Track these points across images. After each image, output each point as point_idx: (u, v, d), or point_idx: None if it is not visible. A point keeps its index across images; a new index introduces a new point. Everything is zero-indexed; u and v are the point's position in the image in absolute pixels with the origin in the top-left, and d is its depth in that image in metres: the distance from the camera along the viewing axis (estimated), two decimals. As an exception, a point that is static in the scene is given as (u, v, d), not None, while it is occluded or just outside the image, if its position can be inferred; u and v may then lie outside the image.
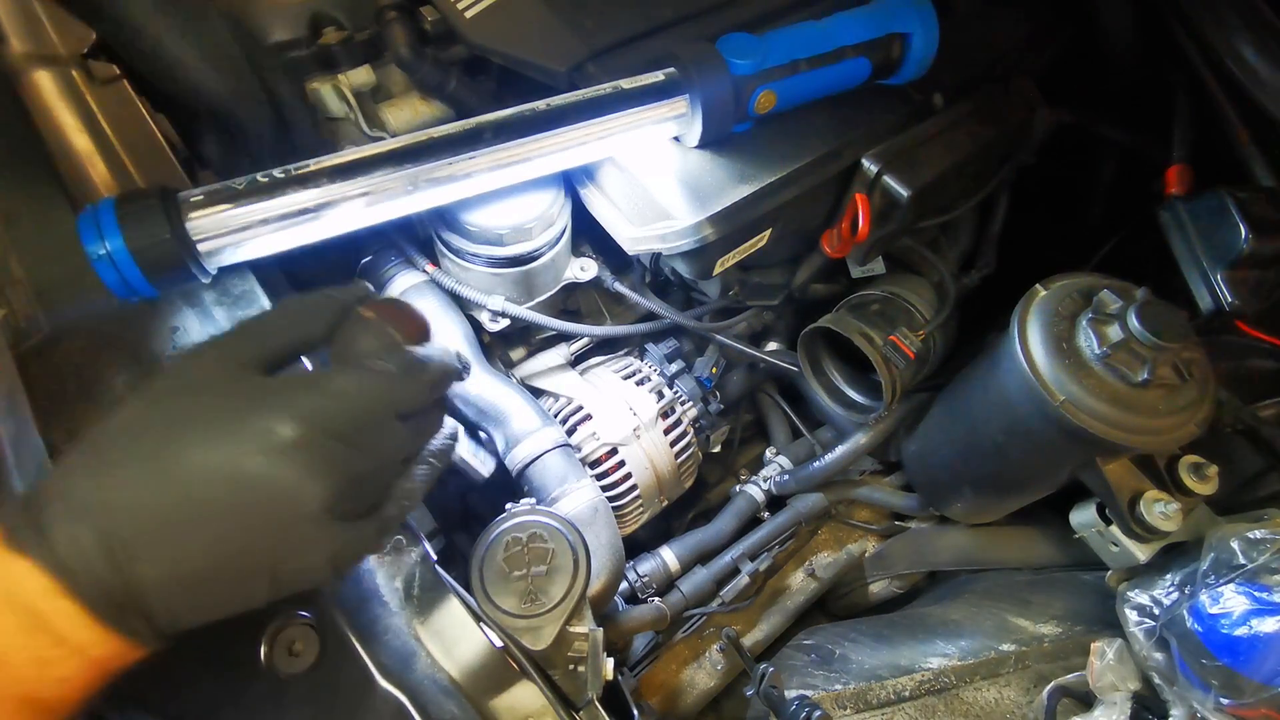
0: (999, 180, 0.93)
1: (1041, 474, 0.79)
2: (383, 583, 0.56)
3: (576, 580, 0.58)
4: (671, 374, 0.95)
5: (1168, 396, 0.67)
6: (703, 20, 0.80)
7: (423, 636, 0.54)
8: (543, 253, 0.78)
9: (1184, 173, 0.87)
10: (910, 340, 0.86)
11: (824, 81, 0.74)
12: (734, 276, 0.90)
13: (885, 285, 0.95)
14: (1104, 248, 1.04)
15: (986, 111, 0.86)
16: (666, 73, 0.69)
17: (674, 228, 0.71)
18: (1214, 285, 0.80)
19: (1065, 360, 0.68)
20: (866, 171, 0.78)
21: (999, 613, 0.87)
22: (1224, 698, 0.65)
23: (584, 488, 0.78)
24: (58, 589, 0.35)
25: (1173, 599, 0.71)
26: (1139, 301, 0.67)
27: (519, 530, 0.60)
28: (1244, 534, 0.68)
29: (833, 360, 0.97)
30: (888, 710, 0.77)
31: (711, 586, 0.95)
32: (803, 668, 0.84)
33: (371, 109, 0.82)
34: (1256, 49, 0.80)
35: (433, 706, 0.52)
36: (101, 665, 0.37)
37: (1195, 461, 0.74)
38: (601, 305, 0.96)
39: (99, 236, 0.51)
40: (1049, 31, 0.96)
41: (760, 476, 1.04)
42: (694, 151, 0.74)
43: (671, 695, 0.93)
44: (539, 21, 0.76)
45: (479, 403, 0.80)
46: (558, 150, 0.66)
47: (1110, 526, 0.76)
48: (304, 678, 0.52)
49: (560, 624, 0.57)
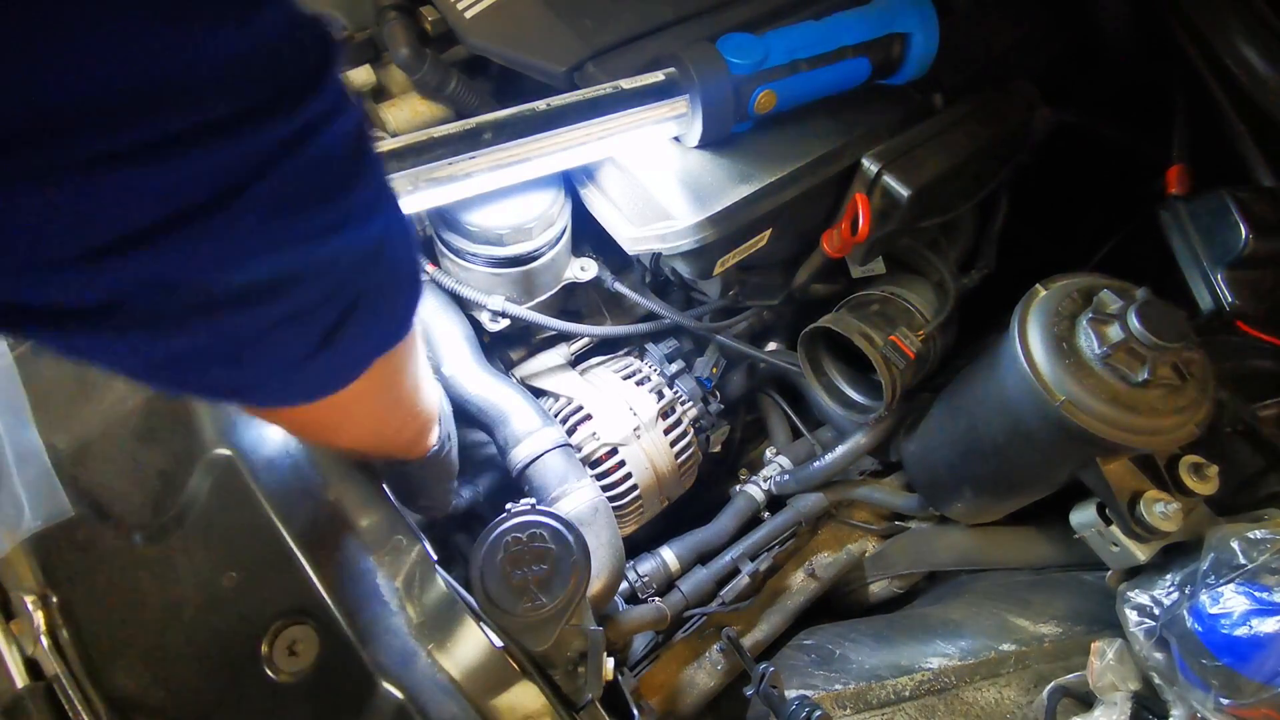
0: (999, 180, 0.93)
1: (1041, 474, 0.79)
2: (383, 583, 0.56)
3: (576, 580, 0.58)
4: (671, 374, 0.95)
5: (1168, 396, 0.67)
6: (703, 20, 0.80)
7: (422, 636, 0.54)
8: (543, 253, 0.78)
9: (1184, 173, 0.87)
10: (910, 340, 0.86)
11: (824, 81, 0.74)
12: (734, 276, 0.90)
13: (885, 285, 0.95)
14: (1104, 248, 1.04)
15: (986, 111, 0.86)
16: (666, 73, 0.69)
17: (674, 228, 0.71)
18: (1214, 285, 0.79)
19: (1065, 360, 0.68)
20: (867, 171, 0.78)
21: (999, 613, 0.87)
22: (1224, 698, 0.65)
23: (584, 488, 0.78)
24: None
25: (1173, 599, 0.71)
26: (1139, 301, 0.67)
27: (519, 530, 0.60)
28: (1244, 534, 0.68)
29: (833, 360, 0.97)
30: (888, 710, 0.77)
31: (711, 586, 0.95)
32: (803, 668, 0.84)
33: (371, 109, 0.82)
34: (1256, 49, 0.80)
35: (433, 706, 0.52)
36: None
37: (1195, 461, 0.74)
38: (601, 305, 0.96)
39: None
40: (1049, 31, 0.96)
41: (760, 476, 1.04)
42: (694, 151, 0.74)
43: (671, 695, 0.93)
44: (539, 22, 0.76)
45: (479, 402, 0.80)
46: (558, 150, 0.66)
47: (1110, 526, 0.76)
48: (304, 678, 0.52)
49: (560, 624, 0.57)
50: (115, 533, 0.56)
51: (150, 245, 0.25)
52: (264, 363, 0.33)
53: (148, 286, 0.27)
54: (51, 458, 0.57)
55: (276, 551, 0.56)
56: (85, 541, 0.55)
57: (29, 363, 0.60)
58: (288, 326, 0.31)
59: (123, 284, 0.26)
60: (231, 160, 0.26)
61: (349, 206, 0.31)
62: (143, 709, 0.51)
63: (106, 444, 0.59)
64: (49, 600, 0.53)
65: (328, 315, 0.33)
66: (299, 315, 0.32)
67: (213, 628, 0.53)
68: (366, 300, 0.34)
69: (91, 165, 0.23)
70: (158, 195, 0.25)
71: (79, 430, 0.58)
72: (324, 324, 0.33)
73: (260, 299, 0.30)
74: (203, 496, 0.57)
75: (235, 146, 0.26)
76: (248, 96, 0.25)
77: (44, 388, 0.59)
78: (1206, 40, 0.83)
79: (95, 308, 0.27)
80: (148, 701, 0.51)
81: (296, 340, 0.33)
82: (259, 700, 0.52)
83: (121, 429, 0.59)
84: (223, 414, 0.60)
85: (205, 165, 0.25)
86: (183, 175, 0.25)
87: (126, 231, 0.25)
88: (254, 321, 0.30)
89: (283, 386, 0.36)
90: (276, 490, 0.58)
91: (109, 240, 0.25)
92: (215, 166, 0.26)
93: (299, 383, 0.36)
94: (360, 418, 0.48)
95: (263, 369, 0.33)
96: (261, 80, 0.26)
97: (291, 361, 0.33)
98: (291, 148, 0.27)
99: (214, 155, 0.25)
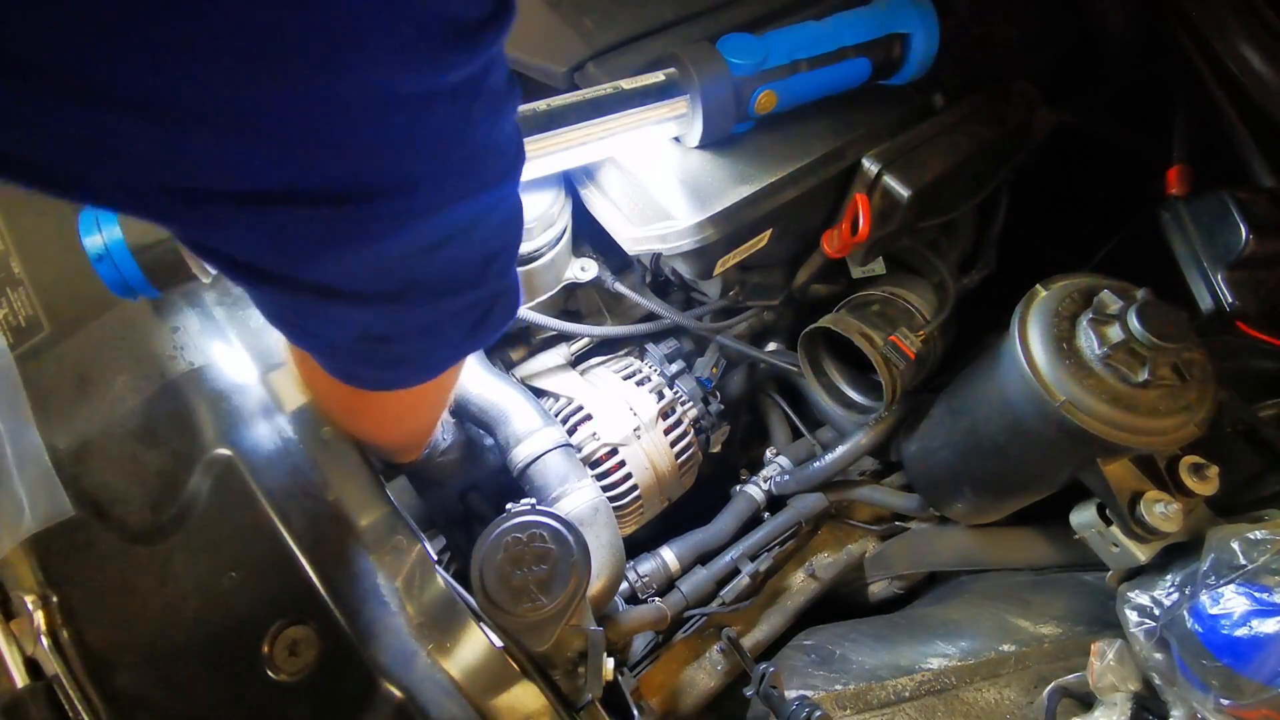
0: (999, 181, 0.93)
1: (1042, 474, 0.79)
2: (383, 583, 0.56)
3: (577, 580, 0.58)
4: (672, 374, 0.95)
5: (1168, 397, 0.67)
6: (703, 20, 0.80)
7: (422, 637, 0.54)
8: (543, 253, 0.78)
9: (1184, 173, 0.86)
10: (910, 340, 0.86)
11: (824, 82, 0.74)
12: (734, 277, 0.90)
13: (886, 285, 0.95)
14: (1104, 248, 1.04)
15: (987, 112, 0.86)
16: (667, 73, 0.69)
17: (675, 228, 0.71)
18: (1214, 286, 0.79)
19: (1065, 361, 0.68)
20: (867, 172, 0.78)
21: (999, 613, 0.87)
22: (1224, 698, 0.65)
23: (584, 488, 0.78)
24: None
25: (1173, 599, 0.71)
26: (1139, 302, 0.67)
27: (519, 530, 0.60)
28: (1244, 534, 0.68)
29: (833, 360, 0.97)
30: (887, 710, 0.77)
31: (711, 587, 0.95)
32: (803, 668, 0.84)
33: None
34: (1256, 49, 0.80)
35: (433, 706, 0.52)
36: None
37: (1195, 462, 0.74)
38: (602, 305, 0.96)
39: (99, 235, 0.51)
40: (1049, 32, 0.96)
41: (760, 476, 1.04)
42: (694, 151, 0.74)
43: (671, 695, 0.93)
44: (539, 22, 0.76)
45: (479, 403, 0.80)
46: (558, 150, 0.65)
47: (1110, 527, 0.76)
48: (304, 678, 0.52)
49: (560, 624, 0.57)
50: (115, 533, 0.56)
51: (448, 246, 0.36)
52: (439, 340, 0.41)
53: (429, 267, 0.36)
54: (51, 458, 0.56)
55: (276, 551, 0.56)
56: (85, 542, 0.55)
57: (29, 363, 0.60)
58: (465, 314, 0.40)
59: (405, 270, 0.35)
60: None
61: (513, 152, 0.38)
62: (143, 709, 0.51)
63: (106, 444, 0.59)
64: (49, 600, 0.53)
65: (483, 308, 0.41)
66: (476, 305, 0.40)
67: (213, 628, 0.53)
68: (503, 301, 0.42)
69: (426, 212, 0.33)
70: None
71: (79, 430, 0.58)
72: (479, 315, 0.41)
73: (452, 287, 0.38)
74: (203, 496, 0.57)
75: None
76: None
77: (44, 388, 0.59)
78: (1206, 40, 0.83)
79: (376, 293, 0.36)
80: (148, 701, 0.51)
81: (465, 323, 0.41)
82: (259, 700, 0.52)
83: (121, 429, 0.59)
84: (223, 414, 0.60)
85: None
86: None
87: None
88: (455, 305, 0.39)
89: (429, 365, 0.44)
90: (276, 490, 0.57)
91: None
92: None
93: (433, 360, 0.44)
94: (426, 408, 0.57)
95: (433, 345, 0.42)
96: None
97: (453, 340, 0.42)
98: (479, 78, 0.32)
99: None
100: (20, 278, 0.63)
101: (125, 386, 0.60)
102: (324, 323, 0.38)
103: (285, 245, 0.32)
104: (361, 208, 0.31)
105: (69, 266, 0.62)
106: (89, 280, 0.53)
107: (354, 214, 0.31)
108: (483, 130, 0.34)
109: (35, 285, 0.63)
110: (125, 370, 0.61)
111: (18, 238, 0.65)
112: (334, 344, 0.40)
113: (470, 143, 0.33)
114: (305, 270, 0.34)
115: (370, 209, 0.31)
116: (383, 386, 0.45)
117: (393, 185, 0.31)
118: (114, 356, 0.61)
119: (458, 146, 0.33)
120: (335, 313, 0.36)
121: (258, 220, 0.30)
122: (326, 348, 0.41)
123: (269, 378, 0.62)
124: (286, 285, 0.34)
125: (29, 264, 0.64)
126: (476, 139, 0.34)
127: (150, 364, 0.61)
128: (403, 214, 0.32)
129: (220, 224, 0.31)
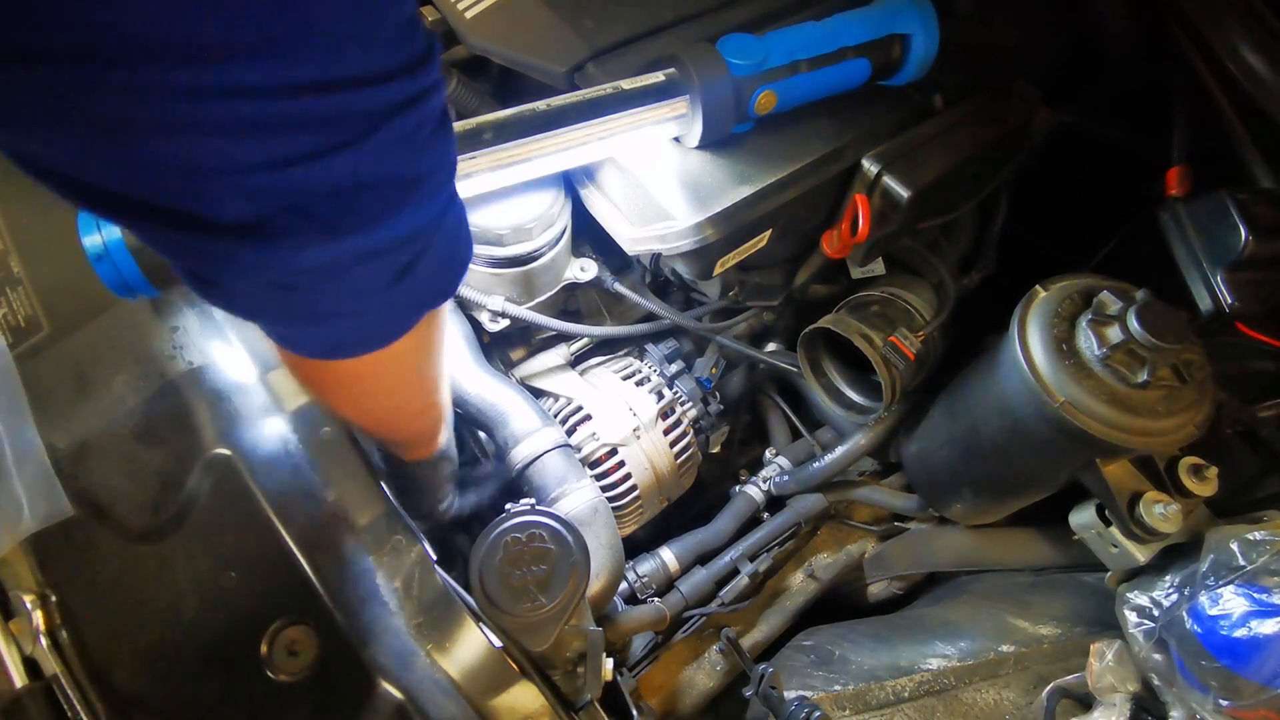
0: (999, 181, 0.93)
1: (1041, 475, 0.79)
2: (383, 583, 0.56)
3: (576, 580, 0.58)
4: (671, 374, 0.95)
5: (1167, 398, 0.67)
6: (703, 20, 0.80)
7: (422, 637, 0.54)
8: (543, 253, 0.78)
9: (1184, 174, 0.87)
10: (910, 341, 0.86)
11: (824, 82, 0.74)
12: (734, 277, 0.90)
13: (885, 286, 0.95)
14: (1104, 248, 1.04)
15: (987, 112, 0.86)
16: (667, 73, 0.69)
17: (674, 228, 0.71)
18: (1214, 286, 0.79)
19: (1065, 361, 0.68)
20: (867, 172, 0.78)
21: (998, 614, 0.87)
22: (1223, 699, 0.65)
23: (584, 488, 0.78)
24: None
25: (1172, 600, 0.71)
26: (1139, 303, 0.67)
27: (519, 530, 0.60)
28: (1243, 535, 0.68)
29: (832, 361, 0.97)
30: (887, 711, 0.77)
31: (711, 587, 0.95)
32: (802, 668, 0.84)
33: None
34: (1256, 49, 0.80)
35: (433, 706, 0.52)
36: None
37: (1195, 463, 0.74)
38: (601, 305, 0.96)
39: (98, 235, 0.51)
40: (1049, 33, 0.96)
41: (760, 477, 1.04)
42: (694, 152, 0.74)
43: (671, 696, 0.93)
44: (539, 22, 0.76)
45: (479, 403, 0.80)
46: (558, 151, 0.65)
47: (1110, 528, 0.76)
48: (304, 678, 0.52)
49: (560, 624, 0.57)
50: (115, 533, 0.56)
51: (317, 160, 0.31)
52: (351, 288, 0.38)
53: (311, 195, 0.32)
54: (51, 458, 0.56)
55: (276, 551, 0.56)
56: (85, 541, 0.55)
57: (28, 362, 0.60)
58: (375, 260, 0.37)
59: (289, 195, 0.32)
60: (377, 102, 0.32)
61: (437, 163, 0.37)
62: (142, 709, 0.51)
63: (106, 444, 0.59)
64: (48, 600, 0.53)
65: (403, 256, 0.38)
66: (386, 251, 0.37)
67: (213, 628, 0.53)
68: (432, 252, 0.39)
69: (289, 92, 0.28)
70: (327, 121, 0.30)
71: (79, 430, 0.58)
72: (399, 263, 0.38)
73: (362, 225, 0.35)
74: (203, 496, 0.57)
75: (383, 93, 0.32)
76: (404, 53, 0.32)
77: (44, 388, 0.59)
78: (1206, 41, 0.83)
79: (252, 222, 0.32)
80: (147, 701, 0.51)
81: (380, 271, 0.37)
82: (259, 700, 0.52)
83: (121, 429, 0.59)
84: (223, 414, 0.60)
85: (364, 102, 0.31)
86: (347, 109, 0.31)
87: (302, 150, 0.30)
88: (357, 248, 0.35)
89: (354, 322, 0.41)
90: (276, 490, 0.58)
91: (289, 154, 0.30)
92: (372, 104, 0.31)
93: (367, 322, 0.41)
94: (393, 384, 0.52)
95: (346, 294, 0.38)
96: (414, 43, 0.32)
97: (371, 290, 0.38)
98: (414, 102, 0.33)
99: (371, 97, 0.31)
100: (20, 277, 0.63)
101: (125, 386, 0.60)
102: (221, 266, 0.35)
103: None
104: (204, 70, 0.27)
105: (68, 266, 0.62)
106: (89, 280, 0.53)
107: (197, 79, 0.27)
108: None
109: (35, 285, 0.63)
110: (125, 370, 0.61)
111: (17, 237, 0.65)
112: (235, 293, 0.37)
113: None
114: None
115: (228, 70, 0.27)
116: (323, 353, 0.43)
117: (255, 46, 0.27)
118: (113, 356, 0.61)
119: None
120: (224, 251, 0.33)
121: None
122: (234, 298, 0.38)
123: (269, 377, 0.62)
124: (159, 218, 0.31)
125: (28, 264, 0.64)
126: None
127: (150, 364, 0.61)
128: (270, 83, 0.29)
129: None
